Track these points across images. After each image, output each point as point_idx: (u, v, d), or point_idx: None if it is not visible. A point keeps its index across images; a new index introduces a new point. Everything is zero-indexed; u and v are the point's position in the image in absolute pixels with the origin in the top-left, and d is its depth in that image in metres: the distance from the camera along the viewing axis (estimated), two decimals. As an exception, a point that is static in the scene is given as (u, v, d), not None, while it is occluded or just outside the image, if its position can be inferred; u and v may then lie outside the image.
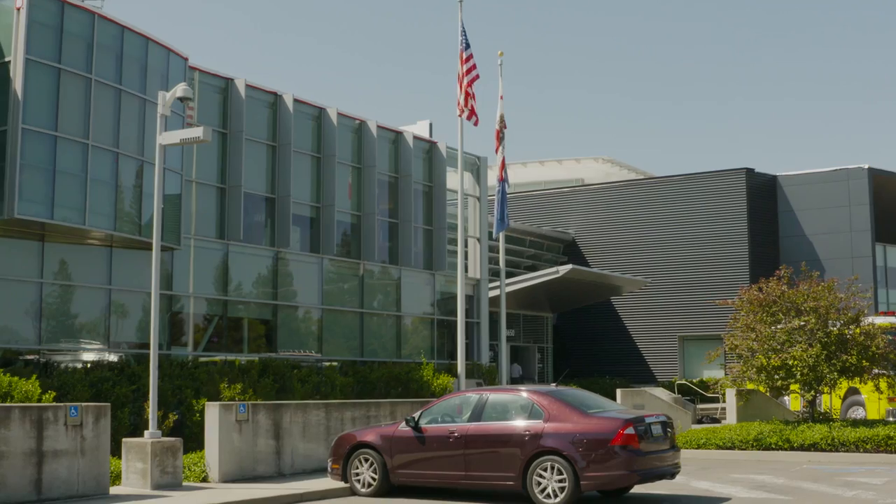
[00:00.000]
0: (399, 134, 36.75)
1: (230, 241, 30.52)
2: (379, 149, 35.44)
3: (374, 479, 18.76)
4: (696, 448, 26.40)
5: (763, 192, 52.84)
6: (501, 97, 33.49)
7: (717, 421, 36.99)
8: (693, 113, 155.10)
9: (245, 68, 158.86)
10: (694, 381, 46.37)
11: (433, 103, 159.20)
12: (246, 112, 31.03)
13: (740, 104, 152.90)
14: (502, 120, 33.40)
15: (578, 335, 53.57)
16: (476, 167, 40.14)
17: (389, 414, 24.06)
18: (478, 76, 29.88)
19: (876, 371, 27.85)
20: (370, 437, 19.14)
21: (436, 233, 37.49)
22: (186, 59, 28.35)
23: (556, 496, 16.83)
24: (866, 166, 52.03)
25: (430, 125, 39.65)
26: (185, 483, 19.43)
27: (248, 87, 31.25)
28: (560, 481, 16.82)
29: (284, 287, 32.39)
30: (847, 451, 25.00)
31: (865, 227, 51.68)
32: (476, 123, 30.06)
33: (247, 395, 25.64)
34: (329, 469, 19.57)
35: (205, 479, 19.96)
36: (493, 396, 18.63)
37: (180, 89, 20.40)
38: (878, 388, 28.16)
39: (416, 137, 37.18)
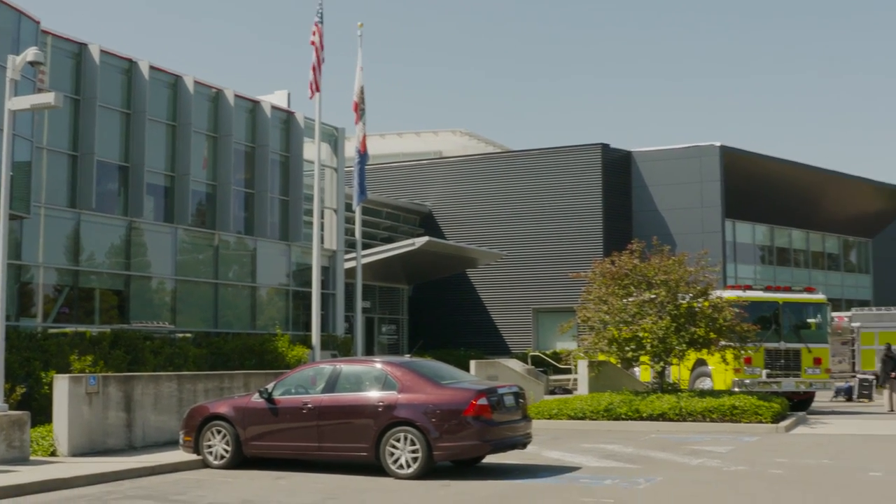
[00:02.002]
0: (256, 103, 36.36)
1: (82, 210, 29.88)
2: (236, 118, 35.02)
3: (226, 451, 18.66)
4: (549, 418, 26.78)
5: (618, 168, 53.61)
6: (361, 69, 33.32)
7: (569, 392, 37.56)
8: (551, 88, 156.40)
9: (100, 34, 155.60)
10: (547, 352, 46.92)
11: (292, 73, 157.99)
12: (100, 78, 30.36)
13: (597, 80, 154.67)
14: (361, 91, 33.27)
15: (434, 307, 53.77)
16: (334, 138, 39.94)
17: (243, 386, 23.91)
18: (316, 46, 29.94)
19: (723, 343, 28.55)
20: (223, 408, 19.03)
21: (292, 203, 37.22)
22: (38, 23, 27.59)
23: (409, 466, 16.95)
24: (718, 144, 53.15)
25: (289, 95, 39.23)
26: (32, 457, 19.05)
27: (102, 52, 30.57)
28: (413, 452, 16.95)
29: (138, 257, 31.85)
30: (694, 420, 25.63)
31: (716, 204, 52.84)
32: (311, 97, 30.15)
33: (97, 367, 25.19)
34: (181, 441, 19.40)
35: (53, 454, 19.62)
36: (347, 368, 18.67)
37: (31, 53, 19.91)
38: (724, 360, 28.89)
39: (273, 107, 36.83)
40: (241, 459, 18.66)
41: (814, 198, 62.93)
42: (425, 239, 43.64)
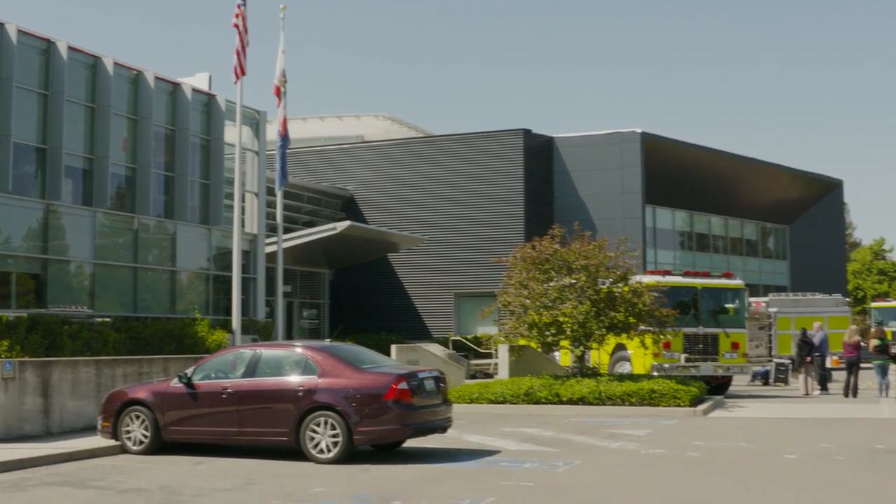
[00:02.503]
0: (177, 86, 35.99)
1: (-2, 193, 29.47)
2: (156, 100, 34.63)
3: (145, 436, 18.53)
4: (469, 402, 26.85)
5: (539, 154, 53.77)
6: (283, 52, 33.13)
7: (490, 376, 37.69)
8: (474, 74, 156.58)
9: (17, 13, 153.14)
10: (468, 337, 47.02)
11: (214, 56, 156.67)
12: (17, 58, 29.87)
13: (520, 67, 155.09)
14: (283, 75, 33.08)
15: (356, 292, 53.66)
16: (255, 121, 39.65)
17: (162, 370, 23.73)
18: (239, 28, 29.77)
19: (642, 328, 28.78)
20: (142, 393, 18.88)
21: (213, 187, 36.91)
22: (-49, 3, 27.17)
23: (329, 451, 16.94)
24: (639, 131, 53.52)
25: (210, 78, 38.86)
26: (-54, 444, 18.83)
27: (19, 32, 30.07)
28: (333, 436, 16.94)
29: (55, 241, 31.44)
30: (613, 404, 25.84)
31: (636, 190, 53.22)
32: (236, 81, 29.97)
33: (14, 353, 24.83)
34: (99, 427, 19.22)
35: (-33, 440, 19.39)
36: (267, 352, 18.60)
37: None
38: (643, 344, 29.13)
39: (194, 90, 36.48)
40: (161, 445, 18.53)
41: (733, 185, 63.62)
42: (347, 223, 43.52)
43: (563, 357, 33.41)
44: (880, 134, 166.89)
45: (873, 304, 61.95)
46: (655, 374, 29.81)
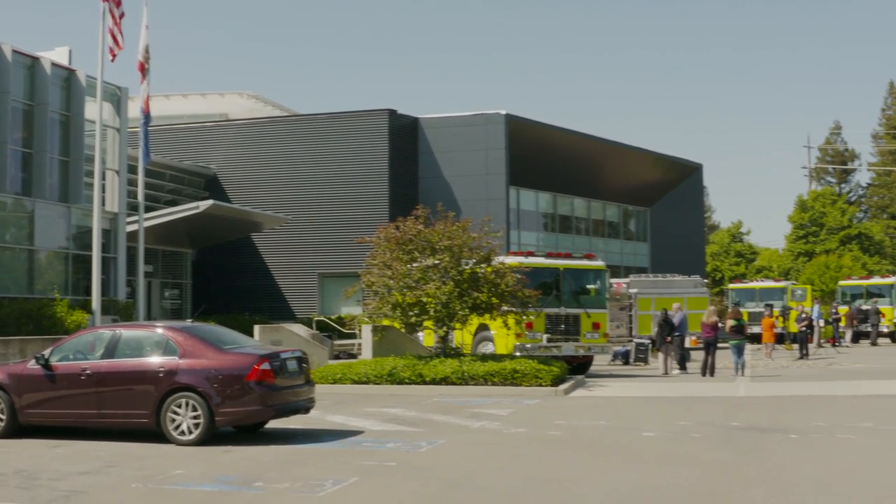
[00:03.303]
0: (36, 60, 35.23)
1: None
2: (14, 74, 33.89)
3: (1, 420, 18.12)
4: (333, 383, 26.78)
5: (405, 134, 53.83)
6: (146, 27, 32.61)
7: (353, 356, 37.67)
8: (340, 54, 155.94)
9: None
10: (332, 317, 46.92)
11: (74, 31, 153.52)
12: None
13: (386, 48, 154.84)
14: (146, 51, 32.57)
15: (219, 271, 53.18)
16: (117, 98, 38.99)
17: (19, 352, 23.31)
18: (111, 4, 29.25)
19: (505, 308, 28.97)
20: (-3, 375, 18.46)
21: (73, 164, 36.24)
22: None
23: (190, 433, 16.78)
24: (504, 112, 53.90)
25: (70, 52, 38.09)
26: None
27: None
28: (195, 418, 16.79)
29: None
30: (476, 384, 25.97)
31: (501, 171, 53.62)
32: (113, 59, 29.51)
33: None
34: (-48, 410, 18.75)
35: None
36: (127, 333, 18.33)
37: None
38: (506, 325, 29.32)
39: (54, 64, 35.75)
40: (17, 428, 18.12)
41: (596, 167, 64.44)
42: (210, 202, 43.11)
43: (427, 337, 33.52)
44: (739, 119, 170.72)
45: (731, 286, 63.31)
46: (518, 354, 30.02)
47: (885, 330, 54.87)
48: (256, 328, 32.66)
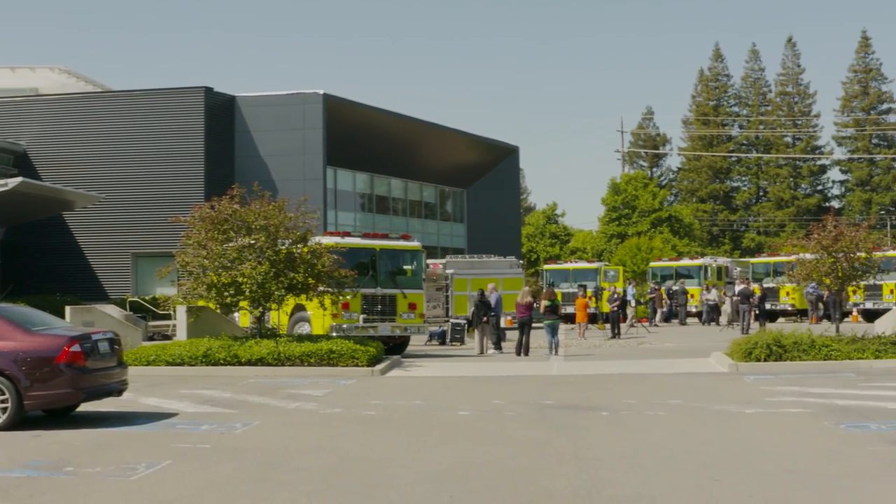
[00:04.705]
0: None
1: None
2: None
3: None
4: (147, 365, 26.41)
5: (221, 112, 53.26)
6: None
7: (168, 338, 37.15)
8: (156, 30, 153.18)
9: None
10: (147, 298, 46.16)
11: None
12: None
13: (203, 25, 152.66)
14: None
15: (29, 251, 51.75)
16: (-82, 71, 37.66)
17: None
18: None
19: (321, 288, 28.96)
20: None
21: None
22: None
23: (-3, 417, 16.37)
24: (321, 92, 53.77)
25: None
26: None
27: None
28: (2, 402, 16.34)
29: None
30: (293, 365, 25.93)
31: (318, 151, 53.53)
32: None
33: None
34: None
35: None
36: (-70, 315, 17.73)
37: None
38: (322, 305, 29.33)
39: None
40: None
41: (413, 148, 64.77)
42: (19, 180, 41.92)
43: (243, 318, 33.31)
44: (555, 104, 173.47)
45: (545, 267, 64.28)
46: (334, 334, 30.06)
47: (693, 310, 56.70)
48: (67, 309, 31.95)
